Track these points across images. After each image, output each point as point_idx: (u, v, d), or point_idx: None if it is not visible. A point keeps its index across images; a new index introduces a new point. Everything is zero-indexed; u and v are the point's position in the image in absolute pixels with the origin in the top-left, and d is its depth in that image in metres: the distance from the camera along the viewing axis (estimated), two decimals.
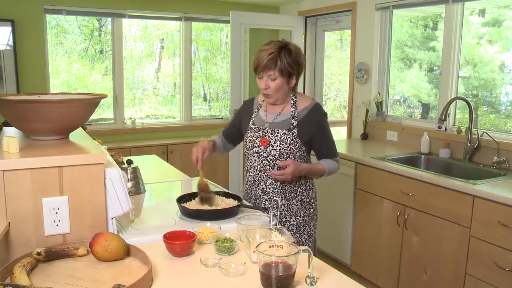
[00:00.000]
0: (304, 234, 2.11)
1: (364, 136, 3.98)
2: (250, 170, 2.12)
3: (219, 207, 1.81)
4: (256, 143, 2.06)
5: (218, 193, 1.96)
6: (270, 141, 2.02)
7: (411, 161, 3.25)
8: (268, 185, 2.06)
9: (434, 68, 3.80)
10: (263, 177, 2.07)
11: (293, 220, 2.09)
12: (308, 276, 1.29)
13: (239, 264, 1.35)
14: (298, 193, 2.09)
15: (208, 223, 1.63)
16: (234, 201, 1.88)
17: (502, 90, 3.31)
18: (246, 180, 2.18)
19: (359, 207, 3.25)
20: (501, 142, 2.90)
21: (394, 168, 2.93)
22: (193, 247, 1.46)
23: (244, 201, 1.91)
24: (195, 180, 2.45)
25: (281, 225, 1.98)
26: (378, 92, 3.91)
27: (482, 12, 3.42)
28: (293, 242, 1.32)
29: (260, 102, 2.17)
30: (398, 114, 4.03)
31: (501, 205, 2.29)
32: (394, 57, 4.00)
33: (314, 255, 1.47)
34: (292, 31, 4.75)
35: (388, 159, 3.14)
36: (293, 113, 2.04)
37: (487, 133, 3.00)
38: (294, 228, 2.09)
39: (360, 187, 3.23)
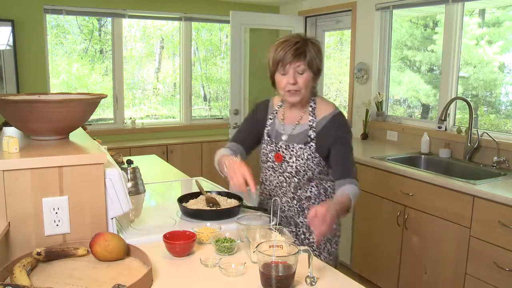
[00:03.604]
0: (324, 252, 1.87)
1: (364, 136, 3.98)
2: (266, 183, 1.92)
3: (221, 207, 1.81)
4: (270, 158, 1.85)
5: (220, 193, 1.96)
6: (284, 157, 1.80)
7: (411, 161, 3.24)
8: (284, 203, 1.86)
9: (434, 68, 3.80)
10: (279, 194, 1.86)
11: (313, 238, 1.84)
12: (308, 276, 1.29)
13: (239, 264, 1.34)
14: None
15: (208, 223, 1.63)
16: (236, 201, 1.89)
17: (502, 90, 3.31)
18: (261, 191, 1.98)
19: (359, 207, 3.25)
20: (501, 142, 2.90)
21: (394, 168, 2.93)
22: (193, 247, 1.46)
23: (244, 202, 1.90)
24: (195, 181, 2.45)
25: (299, 243, 1.85)
26: (378, 92, 3.91)
27: (482, 13, 3.42)
28: (293, 242, 1.32)
29: (277, 108, 1.90)
30: (398, 114, 4.03)
31: (501, 205, 2.29)
32: (394, 57, 4.00)
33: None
34: (292, 31, 4.75)
35: (388, 159, 3.14)
36: (311, 123, 1.78)
37: (487, 133, 3.00)
38: (314, 246, 1.85)
39: (360, 187, 3.22)
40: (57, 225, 1.38)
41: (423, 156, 3.32)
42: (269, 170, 1.87)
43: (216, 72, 5.42)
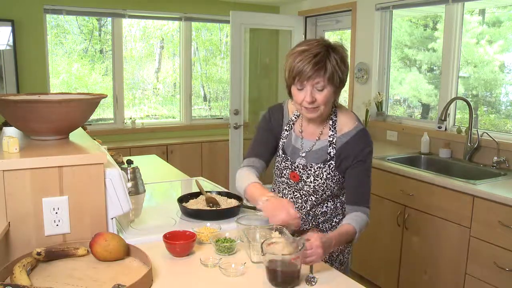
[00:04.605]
0: (336, 262, 1.80)
1: None
2: (279, 195, 1.79)
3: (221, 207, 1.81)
4: (285, 175, 1.73)
5: (220, 193, 1.97)
6: (301, 177, 1.67)
7: (411, 161, 3.24)
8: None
9: (434, 68, 3.80)
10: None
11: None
12: (308, 276, 1.29)
13: (239, 264, 1.35)
14: (333, 223, 1.77)
15: (208, 223, 1.63)
16: (235, 201, 1.89)
17: (502, 90, 3.31)
18: None
19: None
20: (501, 142, 2.90)
21: (394, 168, 2.93)
22: (193, 247, 1.46)
23: (244, 201, 1.91)
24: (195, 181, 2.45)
25: None
26: (378, 92, 3.91)
27: (482, 13, 3.42)
28: (293, 242, 1.32)
29: (293, 118, 1.74)
30: (398, 114, 4.03)
31: (501, 205, 2.29)
32: (394, 57, 4.00)
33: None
34: (292, 31, 4.75)
35: (388, 159, 3.13)
36: (331, 139, 1.64)
37: (487, 133, 3.00)
38: (327, 257, 1.75)
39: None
40: (57, 225, 1.38)
41: (423, 156, 3.32)
42: (283, 184, 1.76)
43: (216, 72, 5.42)
